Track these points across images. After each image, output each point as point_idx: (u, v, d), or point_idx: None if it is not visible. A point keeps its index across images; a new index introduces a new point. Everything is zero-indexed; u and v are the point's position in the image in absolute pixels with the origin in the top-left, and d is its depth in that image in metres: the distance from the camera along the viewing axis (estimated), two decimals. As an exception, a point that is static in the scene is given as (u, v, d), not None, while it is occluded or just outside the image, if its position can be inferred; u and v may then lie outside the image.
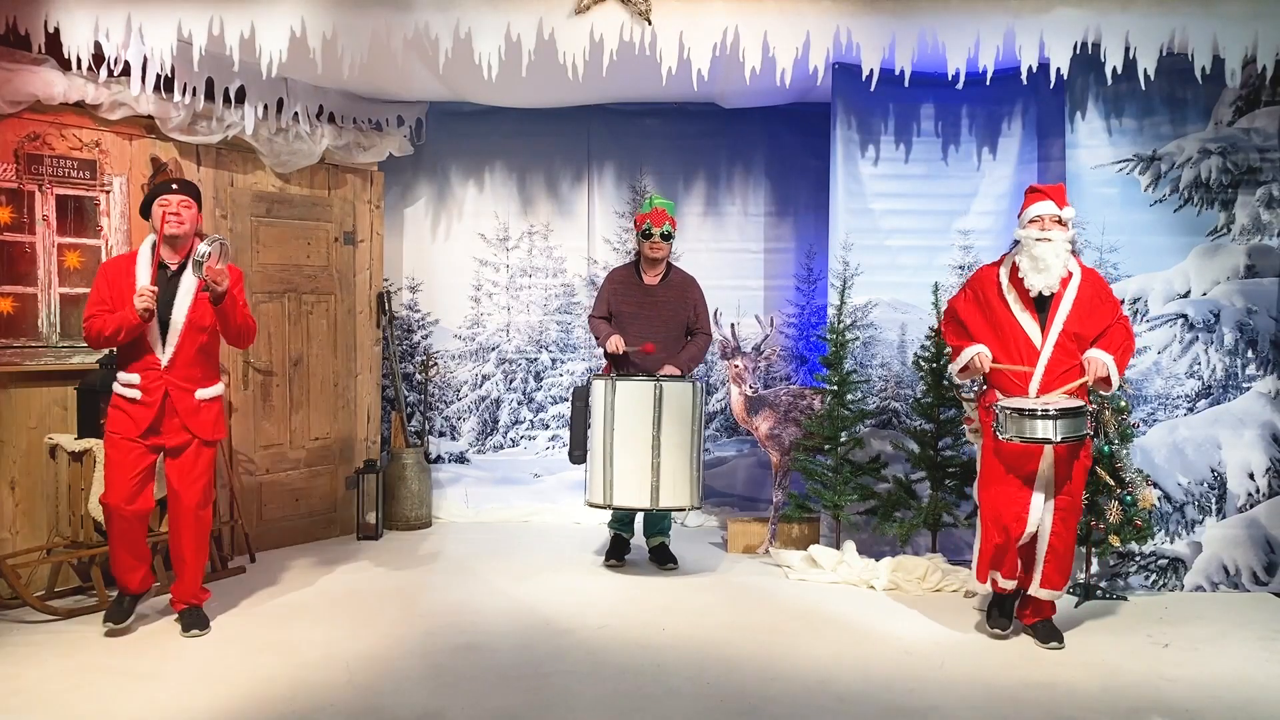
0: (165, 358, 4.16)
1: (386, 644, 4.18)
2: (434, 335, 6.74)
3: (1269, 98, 4.95)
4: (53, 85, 4.72)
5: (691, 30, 4.56)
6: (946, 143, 5.47)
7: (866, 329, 5.48)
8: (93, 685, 3.72)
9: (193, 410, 4.22)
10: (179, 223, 4.17)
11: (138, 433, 4.14)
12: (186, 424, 4.20)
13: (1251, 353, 4.99)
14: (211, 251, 4.02)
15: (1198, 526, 4.98)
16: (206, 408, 4.28)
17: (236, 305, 4.21)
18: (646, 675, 3.86)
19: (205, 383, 4.29)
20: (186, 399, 4.20)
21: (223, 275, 4.07)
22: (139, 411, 4.15)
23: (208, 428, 4.27)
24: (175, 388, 4.18)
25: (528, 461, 6.75)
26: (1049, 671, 3.93)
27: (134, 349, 4.16)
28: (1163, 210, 5.00)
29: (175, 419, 4.19)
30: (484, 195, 6.75)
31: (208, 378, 4.31)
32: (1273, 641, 4.29)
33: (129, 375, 4.18)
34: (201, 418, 4.25)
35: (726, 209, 6.73)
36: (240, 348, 4.66)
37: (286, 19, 4.46)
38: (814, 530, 5.58)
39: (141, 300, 4.02)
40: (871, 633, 4.38)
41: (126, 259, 4.26)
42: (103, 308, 4.10)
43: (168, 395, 4.17)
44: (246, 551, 5.50)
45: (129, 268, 4.19)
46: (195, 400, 4.23)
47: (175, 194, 4.19)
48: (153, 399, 4.15)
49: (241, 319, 4.25)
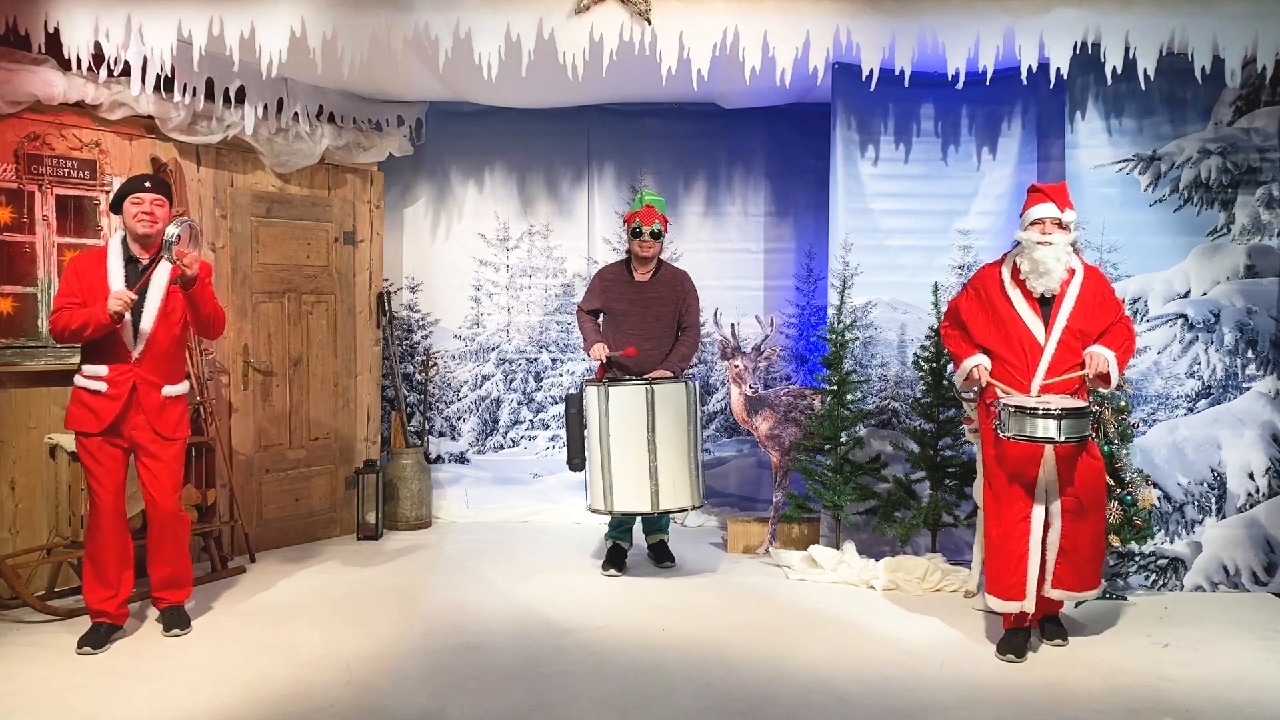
0: (136, 351, 4.11)
1: (386, 644, 4.18)
2: (434, 335, 6.74)
3: (1269, 98, 4.95)
4: (53, 85, 4.72)
5: (691, 30, 4.57)
6: (946, 143, 5.47)
7: (866, 329, 5.48)
8: (93, 685, 3.71)
9: (157, 407, 4.15)
10: (151, 221, 4.12)
11: (100, 428, 4.06)
12: (151, 422, 4.13)
13: (1251, 353, 4.99)
14: (180, 233, 3.98)
15: (1198, 526, 4.98)
16: (171, 405, 4.22)
17: (206, 293, 4.17)
18: (647, 675, 3.86)
19: (172, 380, 4.23)
20: (153, 395, 4.14)
21: (194, 259, 4.04)
22: (103, 405, 4.07)
23: (171, 425, 4.20)
24: (143, 382, 4.12)
25: (528, 461, 6.75)
26: (1049, 671, 3.93)
27: (103, 341, 4.07)
28: (1163, 210, 5.00)
29: (140, 415, 4.12)
30: (484, 195, 6.75)
31: (175, 375, 4.26)
32: (1273, 641, 4.29)
33: (95, 368, 4.10)
34: (166, 415, 4.18)
35: (726, 209, 6.73)
36: (210, 338, 4.62)
37: (286, 19, 4.46)
38: (814, 530, 5.58)
39: (118, 304, 3.93)
40: (871, 633, 4.37)
41: (97, 254, 4.19)
42: (71, 300, 4.03)
43: (135, 389, 4.11)
44: (246, 551, 5.50)
45: (100, 263, 4.13)
46: (161, 396, 4.17)
47: (148, 192, 4.13)
48: (119, 392, 4.08)
49: (210, 308, 4.21)
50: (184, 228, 4.01)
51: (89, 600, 4.14)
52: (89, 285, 4.06)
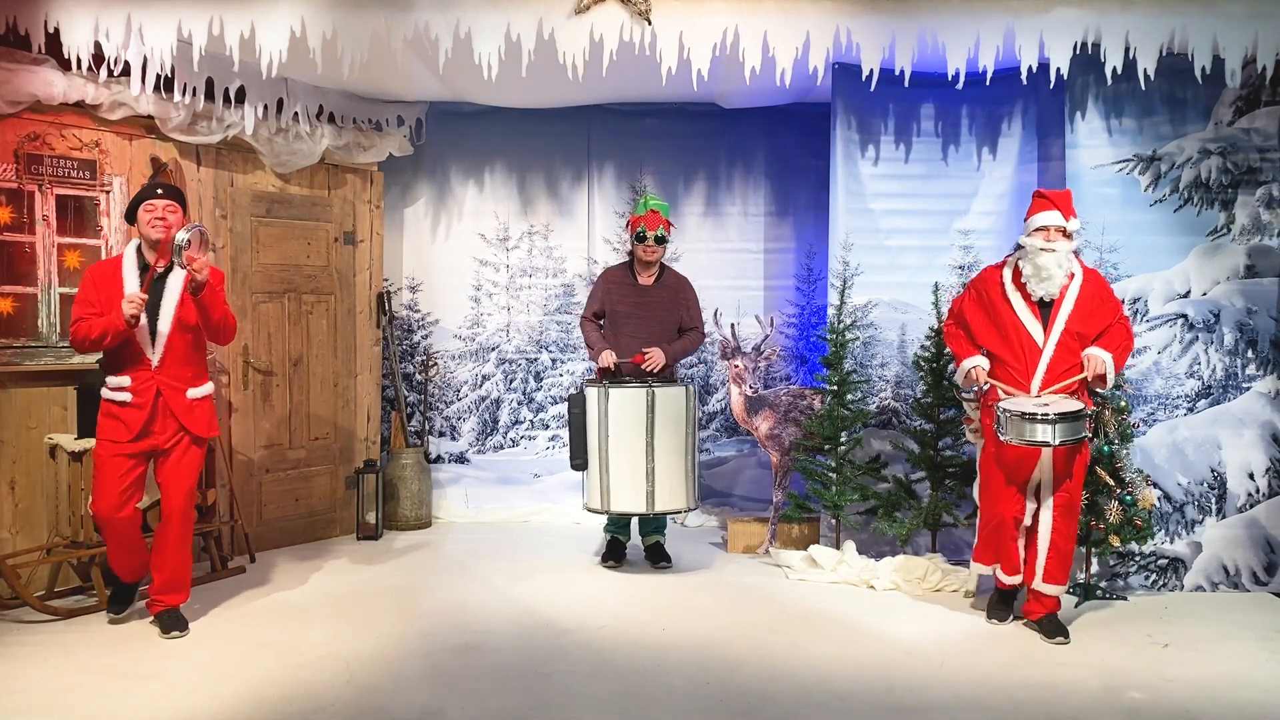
0: (155, 358, 4.18)
1: (386, 644, 4.18)
2: (434, 335, 6.74)
3: (1269, 98, 4.95)
4: (53, 85, 4.72)
5: (691, 30, 4.57)
6: (946, 143, 5.47)
7: (866, 329, 5.48)
8: (93, 685, 3.71)
9: (186, 409, 4.23)
10: (165, 227, 4.16)
11: (130, 436, 4.14)
12: (182, 421, 4.21)
13: (1251, 353, 4.99)
14: (190, 238, 4.02)
15: (1198, 526, 4.98)
16: (200, 406, 4.29)
17: (217, 299, 4.22)
18: (647, 675, 3.86)
19: (195, 382, 4.30)
20: (179, 398, 4.21)
21: (204, 264, 4.08)
22: (131, 415, 4.15)
23: (203, 425, 4.29)
24: (167, 387, 4.19)
25: (528, 461, 6.75)
26: (1049, 671, 3.93)
27: (124, 352, 4.16)
28: (1163, 210, 5.00)
29: (169, 418, 4.19)
30: (484, 195, 6.75)
31: (198, 377, 4.32)
32: (1273, 641, 4.29)
33: (118, 379, 4.18)
34: (196, 415, 4.26)
35: (726, 209, 6.73)
36: (220, 343, 4.64)
37: (286, 19, 4.46)
38: (814, 530, 5.58)
39: (131, 306, 4.02)
40: (871, 633, 4.37)
41: (112, 263, 4.27)
42: (90, 310, 4.10)
43: (159, 395, 4.18)
44: (246, 551, 5.50)
45: (115, 271, 4.19)
46: (187, 399, 4.24)
47: (160, 198, 4.19)
48: (144, 400, 4.16)
49: (221, 314, 4.25)
50: (193, 233, 4.06)
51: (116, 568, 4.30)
52: (107, 295, 4.12)
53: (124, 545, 4.23)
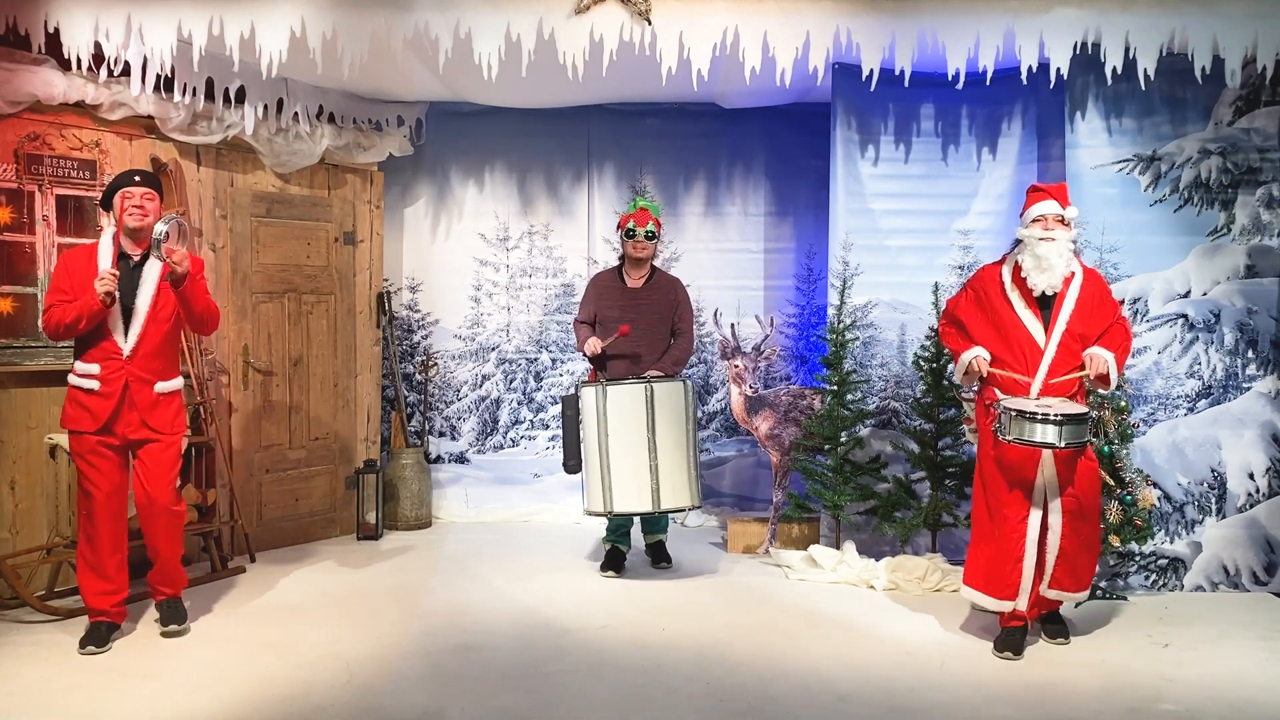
0: (127, 347, 4.07)
1: (386, 644, 4.18)
2: (434, 335, 6.74)
3: (1269, 98, 4.95)
4: (53, 85, 4.72)
5: (691, 30, 4.57)
6: (946, 143, 5.47)
7: (866, 329, 5.48)
8: (93, 685, 3.72)
9: (150, 404, 4.12)
10: (142, 215, 4.09)
11: (95, 426, 4.03)
12: (145, 419, 4.11)
13: (1251, 353, 4.99)
14: (169, 230, 3.95)
15: (1198, 526, 4.98)
16: (165, 402, 4.18)
17: (198, 290, 4.13)
18: (646, 675, 3.86)
19: (165, 375, 4.20)
20: (146, 391, 4.11)
21: (183, 256, 4.01)
22: (97, 403, 4.05)
23: (167, 423, 4.18)
24: (135, 379, 4.08)
25: (528, 461, 6.75)
26: (1049, 671, 3.93)
27: (94, 337, 4.05)
28: (1163, 210, 5.00)
29: (134, 412, 4.09)
30: (484, 195, 6.75)
31: (168, 370, 4.22)
32: (1273, 641, 4.29)
33: (87, 365, 4.07)
34: (159, 412, 4.15)
35: (726, 209, 6.73)
36: (204, 334, 4.57)
37: (286, 19, 4.46)
38: (814, 530, 5.58)
39: (103, 284, 3.92)
40: (871, 633, 4.37)
41: (87, 250, 4.16)
42: (62, 297, 4.00)
43: (127, 387, 4.07)
44: (246, 551, 5.50)
45: (90, 258, 4.10)
46: (154, 393, 4.13)
47: (138, 186, 4.12)
48: (111, 390, 4.05)
49: (203, 304, 4.18)
50: (172, 225, 3.99)
51: (88, 599, 4.12)
52: (79, 281, 4.02)
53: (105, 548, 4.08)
